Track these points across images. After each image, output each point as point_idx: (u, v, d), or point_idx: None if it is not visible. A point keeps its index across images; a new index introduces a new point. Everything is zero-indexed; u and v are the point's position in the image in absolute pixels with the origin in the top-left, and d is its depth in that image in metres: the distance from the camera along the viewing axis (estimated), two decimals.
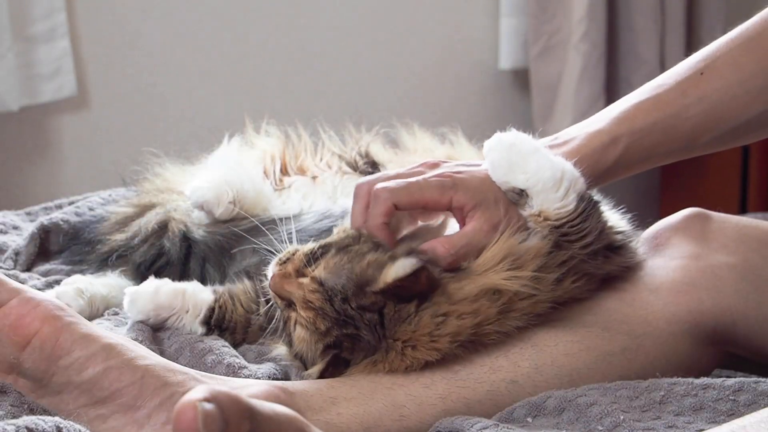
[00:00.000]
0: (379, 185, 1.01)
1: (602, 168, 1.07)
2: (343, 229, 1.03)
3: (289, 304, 0.99)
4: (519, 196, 1.02)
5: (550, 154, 1.03)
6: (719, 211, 1.15)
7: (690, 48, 2.61)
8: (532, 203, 1.02)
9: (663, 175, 2.86)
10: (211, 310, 1.10)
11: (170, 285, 1.11)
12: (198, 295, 1.11)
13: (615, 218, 1.10)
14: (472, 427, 0.90)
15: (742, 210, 2.61)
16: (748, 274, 1.07)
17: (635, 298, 1.06)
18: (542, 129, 2.56)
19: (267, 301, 1.09)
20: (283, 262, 1.00)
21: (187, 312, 1.10)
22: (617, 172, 1.09)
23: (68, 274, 1.29)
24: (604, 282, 1.07)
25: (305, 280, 0.97)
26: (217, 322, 1.10)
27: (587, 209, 1.03)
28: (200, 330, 1.10)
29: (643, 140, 1.08)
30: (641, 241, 1.14)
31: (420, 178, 1.02)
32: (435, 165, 1.05)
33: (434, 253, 0.98)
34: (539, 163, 1.01)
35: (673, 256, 1.09)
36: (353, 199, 1.03)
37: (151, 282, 1.11)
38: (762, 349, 1.06)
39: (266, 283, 1.04)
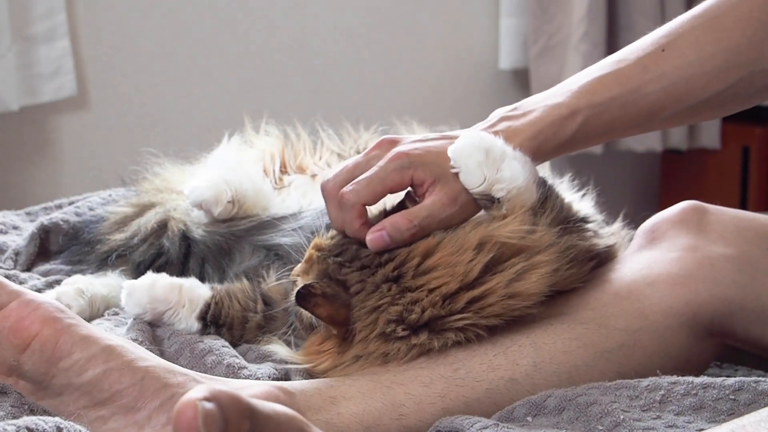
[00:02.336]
0: (345, 189, 1.01)
1: (560, 140, 1.07)
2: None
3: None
4: (491, 202, 1.02)
5: (516, 155, 1.02)
6: None
7: None
8: (502, 207, 1.01)
9: (663, 174, 2.86)
10: (208, 305, 1.10)
11: (167, 279, 1.11)
12: (195, 290, 1.11)
13: (568, 195, 1.12)
14: (472, 426, 0.90)
15: (742, 209, 2.60)
16: (746, 266, 1.07)
17: (632, 292, 1.05)
18: None
19: (264, 302, 1.10)
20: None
21: (184, 307, 1.10)
22: (574, 145, 1.09)
23: (68, 274, 1.29)
24: (594, 271, 1.07)
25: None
26: (213, 318, 1.10)
27: (545, 196, 1.04)
28: (196, 325, 1.09)
29: (602, 114, 1.07)
30: (638, 235, 1.14)
31: (378, 168, 1.02)
32: (392, 143, 1.04)
33: (396, 227, 0.99)
34: (513, 171, 1.01)
35: (669, 249, 1.09)
36: (325, 202, 1.04)
37: (149, 276, 1.11)
38: (760, 340, 1.06)
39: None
